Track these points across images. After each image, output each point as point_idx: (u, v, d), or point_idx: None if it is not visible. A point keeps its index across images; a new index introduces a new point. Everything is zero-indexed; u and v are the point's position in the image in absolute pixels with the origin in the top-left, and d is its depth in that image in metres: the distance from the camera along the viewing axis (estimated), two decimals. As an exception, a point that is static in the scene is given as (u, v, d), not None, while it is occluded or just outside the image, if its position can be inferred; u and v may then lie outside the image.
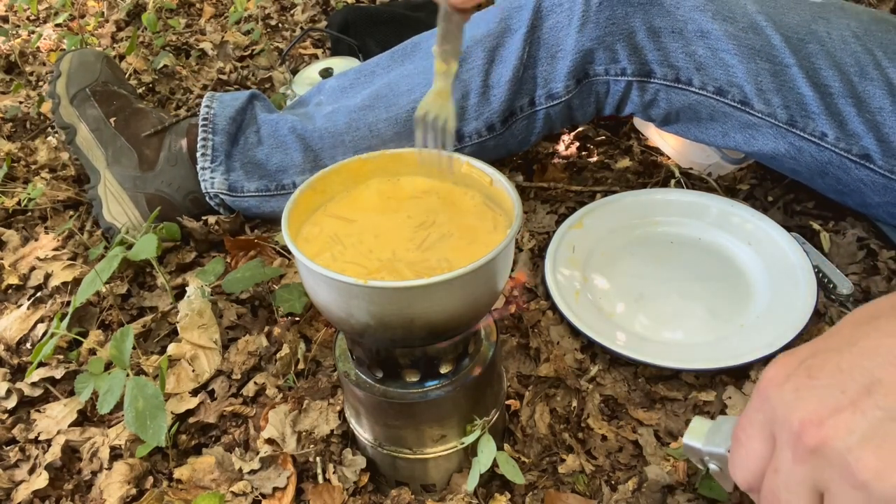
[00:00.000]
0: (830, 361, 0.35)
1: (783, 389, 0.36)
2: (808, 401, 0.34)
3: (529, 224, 0.96)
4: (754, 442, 0.37)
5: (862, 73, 0.79)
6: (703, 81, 0.85)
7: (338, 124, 0.93)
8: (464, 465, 0.64)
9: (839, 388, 0.33)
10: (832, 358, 0.35)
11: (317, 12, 1.70)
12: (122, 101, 1.05)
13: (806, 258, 0.83)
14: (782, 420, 0.35)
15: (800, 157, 0.85)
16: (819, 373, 0.35)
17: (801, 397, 0.34)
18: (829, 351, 0.36)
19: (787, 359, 0.37)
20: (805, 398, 0.34)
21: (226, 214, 0.99)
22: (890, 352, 0.33)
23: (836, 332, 0.37)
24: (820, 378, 0.35)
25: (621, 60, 0.86)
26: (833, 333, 0.37)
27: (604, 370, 0.76)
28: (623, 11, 0.84)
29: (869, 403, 0.32)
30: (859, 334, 0.35)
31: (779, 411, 0.35)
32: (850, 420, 0.32)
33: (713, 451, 0.44)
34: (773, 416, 0.36)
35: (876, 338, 0.35)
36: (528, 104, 0.91)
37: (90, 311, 0.90)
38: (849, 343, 0.35)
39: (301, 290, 0.84)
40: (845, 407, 0.33)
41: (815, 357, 0.36)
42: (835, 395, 0.33)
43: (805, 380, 0.35)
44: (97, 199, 1.00)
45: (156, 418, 0.67)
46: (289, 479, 0.66)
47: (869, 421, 0.32)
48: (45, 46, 1.63)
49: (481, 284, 0.52)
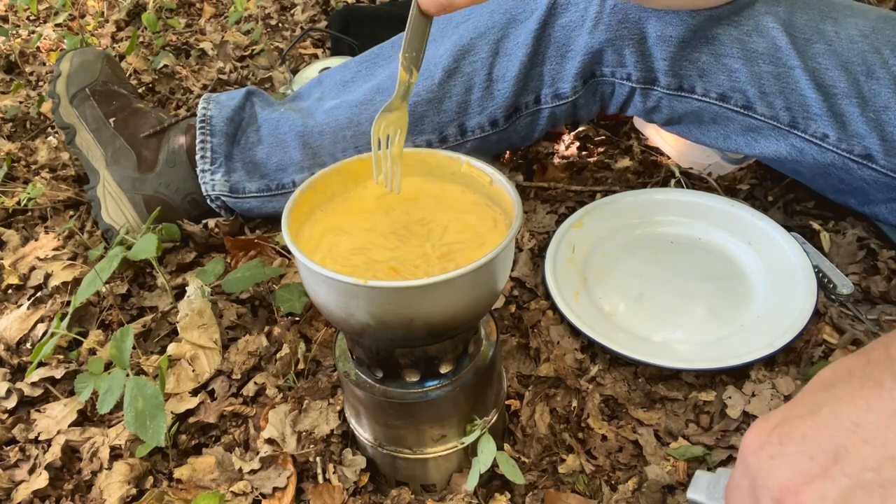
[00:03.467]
0: (797, 428, 0.38)
1: (759, 456, 0.39)
2: (782, 468, 0.37)
3: (529, 224, 0.96)
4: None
5: (868, 72, 0.78)
6: (706, 88, 0.84)
7: (339, 119, 0.92)
8: (464, 465, 0.64)
9: (808, 455, 0.37)
10: (798, 425, 0.38)
11: (317, 12, 1.70)
12: (121, 101, 1.04)
13: (806, 258, 0.83)
14: (762, 486, 0.38)
15: (801, 159, 0.85)
16: (788, 440, 0.38)
17: (775, 465, 0.38)
18: (795, 418, 0.39)
19: (760, 425, 0.40)
20: (779, 465, 0.38)
21: (226, 216, 0.99)
22: (848, 419, 0.37)
23: (801, 398, 0.40)
24: (790, 445, 0.38)
25: (628, 65, 0.86)
26: (798, 400, 0.40)
27: (604, 370, 0.76)
28: (637, 16, 0.83)
29: (836, 471, 0.36)
30: (820, 402, 0.39)
31: (758, 478, 0.39)
32: (821, 488, 0.36)
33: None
34: (754, 482, 0.39)
35: (834, 405, 0.38)
36: (534, 101, 0.91)
37: (90, 311, 0.90)
38: (811, 410, 0.39)
39: (301, 290, 0.84)
40: (817, 475, 0.36)
41: (783, 424, 0.39)
42: (805, 462, 0.37)
43: (777, 447, 0.38)
44: (96, 200, 1.00)
45: (155, 418, 0.67)
46: (289, 479, 0.66)
47: (838, 488, 0.35)
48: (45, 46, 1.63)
49: (481, 284, 0.52)
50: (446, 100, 0.90)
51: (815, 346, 0.75)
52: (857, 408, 0.37)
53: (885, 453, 0.35)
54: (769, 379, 0.72)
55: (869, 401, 0.37)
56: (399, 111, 0.58)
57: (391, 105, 0.57)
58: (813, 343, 0.75)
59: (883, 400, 0.36)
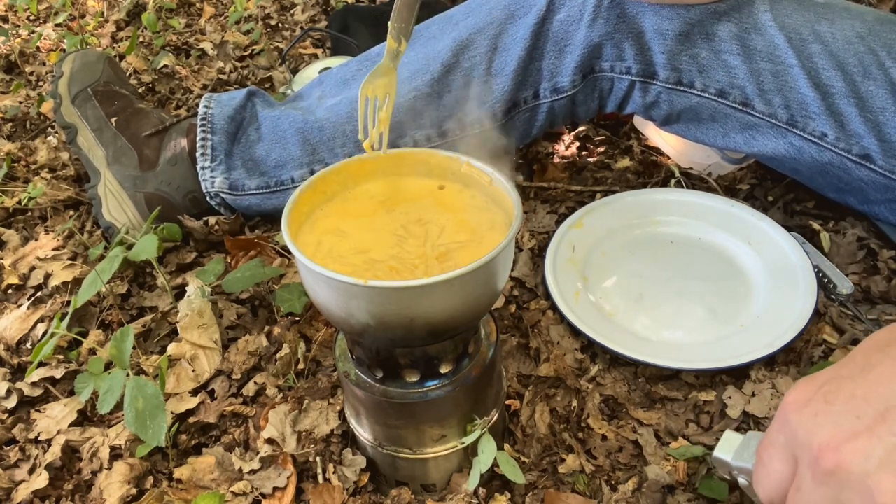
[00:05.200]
0: (845, 388, 0.37)
1: (802, 414, 0.37)
2: (826, 426, 0.36)
3: (529, 224, 0.96)
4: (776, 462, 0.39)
5: (865, 73, 0.79)
6: (705, 84, 0.85)
7: (339, 114, 0.93)
8: (464, 465, 0.64)
9: (855, 413, 0.35)
10: (847, 384, 0.37)
11: (317, 12, 1.70)
12: (123, 102, 1.05)
13: (806, 258, 0.83)
14: (802, 443, 0.37)
15: (800, 157, 0.85)
16: (835, 398, 0.37)
17: (819, 422, 0.36)
18: (845, 378, 0.37)
19: (806, 384, 0.39)
20: (822, 423, 0.36)
21: (226, 214, 0.99)
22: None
23: (851, 358, 0.39)
24: (836, 404, 0.36)
25: (627, 59, 0.86)
26: (849, 360, 0.39)
27: (604, 370, 0.76)
28: (634, 10, 0.83)
29: (884, 429, 0.34)
30: (874, 361, 0.37)
31: (799, 434, 0.37)
32: (866, 445, 0.34)
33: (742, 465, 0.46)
34: (793, 438, 0.38)
35: (889, 365, 0.36)
36: (533, 96, 0.91)
37: (90, 311, 0.90)
38: (863, 370, 0.37)
39: (301, 290, 0.84)
40: (861, 433, 0.35)
41: (831, 383, 0.38)
42: (850, 420, 0.35)
43: (822, 405, 0.37)
44: (97, 199, 1.00)
45: (156, 418, 0.67)
46: (289, 479, 0.66)
47: (885, 447, 0.34)
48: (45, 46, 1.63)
49: (481, 284, 0.52)
50: (446, 94, 0.90)
51: (815, 346, 0.75)
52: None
53: None
54: (769, 379, 0.72)
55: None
56: (388, 77, 0.58)
57: (379, 69, 0.57)
58: (813, 343, 0.75)
59: None
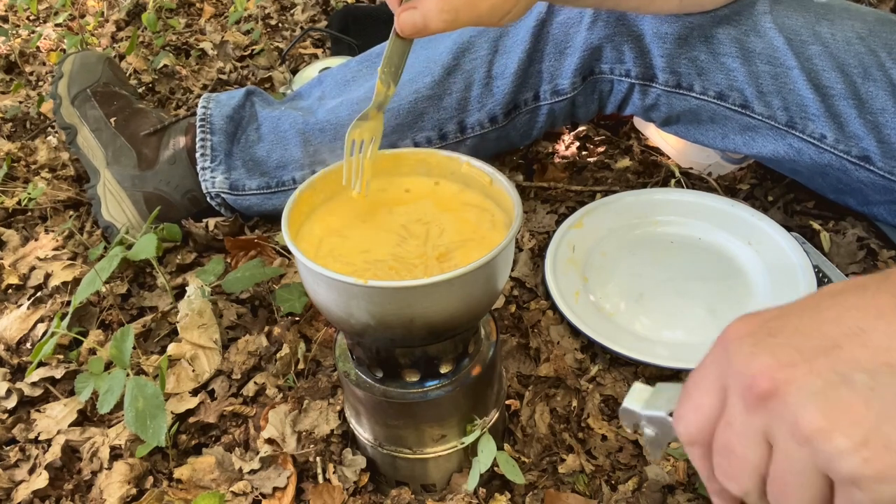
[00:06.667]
0: (791, 323, 0.36)
1: (742, 343, 0.36)
2: (764, 356, 0.35)
3: (529, 224, 0.96)
4: (705, 396, 0.38)
5: (865, 74, 0.79)
6: (704, 86, 0.85)
7: (340, 117, 0.93)
8: (464, 464, 0.64)
9: (796, 346, 0.34)
10: (793, 320, 0.36)
11: (317, 12, 1.70)
12: (122, 102, 1.05)
13: (806, 258, 0.83)
14: (736, 372, 0.36)
15: (799, 159, 0.85)
16: (779, 332, 0.36)
17: (757, 352, 0.35)
18: (792, 314, 0.36)
19: (750, 318, 0.38)
20: (760, 353, 0.35)
21: (226, 214, 0.99)
22: (854, 322, 0.34)
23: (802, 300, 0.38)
24: (779, 337, 0.35)
25: (627, 61, 0.86)
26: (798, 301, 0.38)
27: (604, 370, 0.76)
28: (633, 14, 0.83)
29: (824, 365, 0.33)
30: (824, 305, 0.36)
31: (734, 363, 0.36)
32: (802, 377, 0.33)
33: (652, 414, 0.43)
34: (727, 367, 0.36)
35: (839, 310, 0.35)
36: (533, 98, 0.91)
37: (90, 311, 0.90)
38: (812, 310, 0.36)
39: (301, 290, 0.84)
40: (799, 364, 0.33)
41: (777, 319, 0.37)
42: (790, 352, 0.34)
43: (764, 336, 0.36)
44: (96, 198, 1.00)
45: (156, 418, 0.67)
46: (289, 479, 0.66)
47: (822, 381, 0.33)
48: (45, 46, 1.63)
49: (481, 284, 0.52)
50: (446, 96, 0.90)
51: (815, 346, 0.75)
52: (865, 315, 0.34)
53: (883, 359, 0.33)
54: (769, 379, 0.72)
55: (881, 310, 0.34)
56: (374, 120, 0.59)
57: (367, 114, 0.59)
58: (813, 343, 0.75)
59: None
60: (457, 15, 0.56)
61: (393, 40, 0.58)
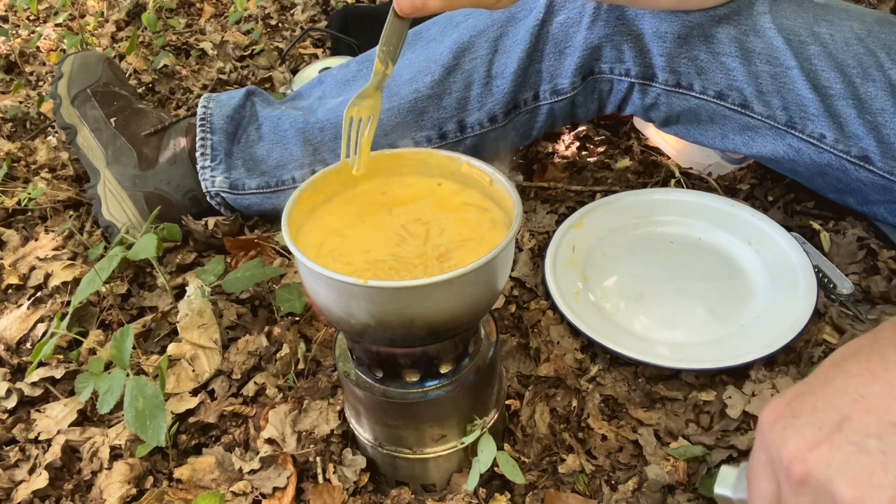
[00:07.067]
0: (808, 402, 0.41)
1: (774, 429, 0.41)
2: (793, 438, 0.40)
3: (529, 224, 0.96)
4: (762, 482, 0.42)
5: (864, 74, 0.79)
6: (704, 86, 0.85)
7: (340, 116, 0.93)
8: (464, 464, 0.64)
9: (816, 424, 0.39)
10: (809, 399, 0.41)
11: (317, 12, 1.70)
12: (122, 102, 1.05)
13: (806, 258, 0.83)
14: (776, 457, 0.40)
15: (799, 159, 0.85)
16: (800, 412, 0.40)
17: (786, 436, 0.40)
18: (808, 393, 0.41)
19: (777, 401, 0.42)
20: (790, 436, 0.40)
21: (226, 213, 0.99)
22: (855, 390, 0.39)
23: (815, 374, 0.43)
24: (801, 417, 0.40)
25: (626, 61, 0.86)
26: (812, 376, 0.42)
27: (604, 370, 0.76)
28: (633, 13, 0.83)
29: (841, 438, 0.38)
30: (832, 376, 0.41)
31: (772, 449, 0.41)
32: (826, 454, 0.38)
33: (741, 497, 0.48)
34: (769, 454, 0.41)
35: (843, 378, 0.40)
36: (532, 98, 0.91)
37: (90, 311, 0.90)
38: (823, 384, 0.41)
39: (301, 289, 0.84)
40: (822, 442, 0.38)
41: (797, 399, 0.41)
42: (813, 431, 0.39)
43: (790, 419, 0.40)
44: (96, 198, 1.00)
45: (156, 418, 0.67)
46: (289, 479, 0.66)
47: (843, 454, 0.37)
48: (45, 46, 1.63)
49: (481, 284, 0.52)
50: (446, 96, 0.90)
51: (815, 346, 0.75)
52: (862, 381, 0.39)
53: (886, 420, 0.37)
54: (769, 379, 0.72)
55: (874, 373, 0.39)
56: (372, 99, 0.59)
57: (365, 92, 0.59)
58: (813, 343, 0.75)
59: (887, 372, 0.38)
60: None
61: (391, 20, 0.58)
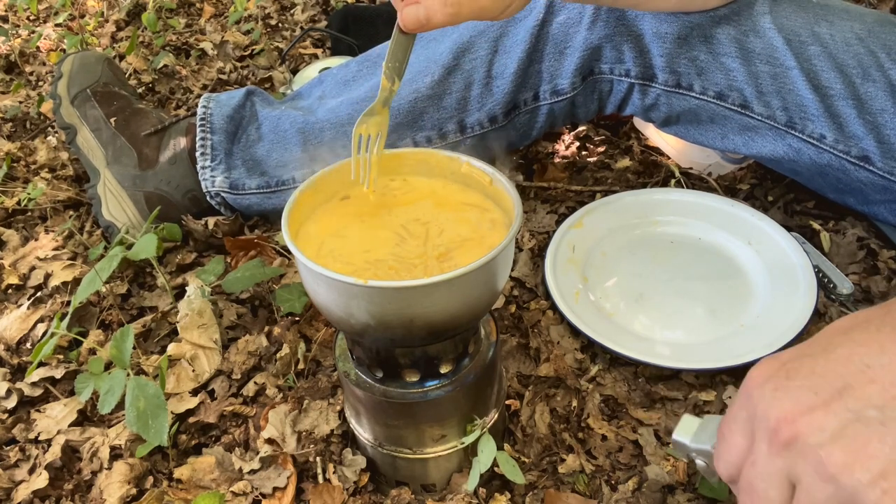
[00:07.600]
0: (806, 365, 0.39)
1: (764, 389, 0.39)
2: (785, 400, 0.38)
3: (529, 224, 0.96)
4: (736, 437, 0.41)
5: (864, 74, 0.79)
6: (704, 86, 0.85)
7: (341, 116, 0.93)
8: (464, 464, 0.64)
9: (813, 389, 0.37)
10: (808, 362, 0.39)
11: (317, 12, 1.70)
12: (122, 102, 1.05)
13: (806, 258, 0.83)
14: (761, 416, 0.38)
15: (799, 159, 0.85)
16: (796, 375, 0.38)
17: (778, 397, 0.38)
18: (807, 356, 0.39)
19: (770, 361, 0.41)
20: (782, 397, 0.38)
21: (226, 213, 0.99)
22: (861, 360, 0.37)
23: (815, 339, 0.41)
24: (796, 380, 0.38)
25: (626, 61, 0.86)
26: (813, 341, 0.41)
27: (604, 370, 0.76)
28: (633, 13, 0.83)
29: (839, 405, 0.36)
30: (835, 343, 0.39)
31: (758, 408, 0.39)
32: (822, 419, 0.36)
33: (700, 447, 0.47)
34: (753, 413, 0.39)
35: (849, 347, 0.38)
36: (532, 98, 0.91)
37: (90, 311, 0.90)
38: (825, 350, 0.39)
39: (301, 290, 0.84)
40: (818, 407, 0.36)
41: (794, 361, 0.39)
42: (809, 395, 0.37)
43: (783, 381, 0.39)
44: (96, 198, 1.00)
45: (157, 418, 0.67)
46: (289, 479, 0.66)
47: (839, 421, 0.36)
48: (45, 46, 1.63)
49: (481, 284, 0.52)
50: (446, 96, 0.90)
51: (814, 346, 0.75)
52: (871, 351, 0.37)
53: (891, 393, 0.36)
54: (769, 379, 0.72)
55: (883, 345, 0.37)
56: (380, 116, 0.60)
57: (373, 109, 0.59)
58: (813, 343, 0.75)
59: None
60: (459, 8, 0.57)
61: (396, 36, 0.58)
